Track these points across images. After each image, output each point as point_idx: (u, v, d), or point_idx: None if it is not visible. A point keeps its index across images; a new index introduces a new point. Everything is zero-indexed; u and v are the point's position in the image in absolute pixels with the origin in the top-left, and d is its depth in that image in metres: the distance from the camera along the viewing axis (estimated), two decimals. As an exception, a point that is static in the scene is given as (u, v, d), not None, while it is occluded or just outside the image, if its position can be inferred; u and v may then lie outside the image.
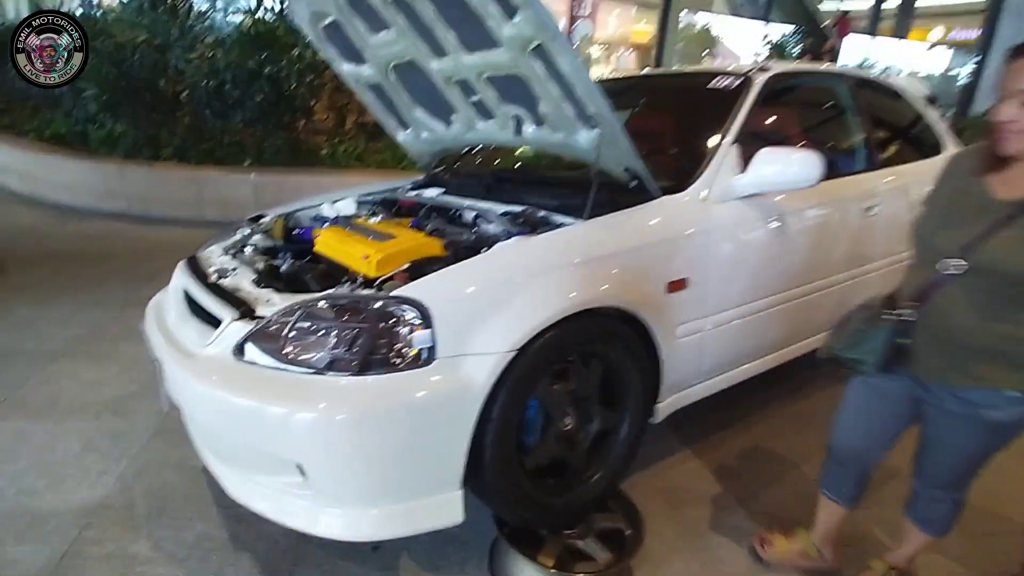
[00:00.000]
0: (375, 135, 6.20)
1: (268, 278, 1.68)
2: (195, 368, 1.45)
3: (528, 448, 1.57)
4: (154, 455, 2.09)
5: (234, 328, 1.46)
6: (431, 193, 2.54)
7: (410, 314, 1.35)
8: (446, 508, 1.38)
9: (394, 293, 1.38)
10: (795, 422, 2.50)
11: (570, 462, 1.68)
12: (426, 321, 1.34)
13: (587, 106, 1.69)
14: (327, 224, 2.13)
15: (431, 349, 1.33)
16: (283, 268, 1.79)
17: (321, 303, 1.42)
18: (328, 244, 1.87)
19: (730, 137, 2.00)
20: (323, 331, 1.38)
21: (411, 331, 1.34)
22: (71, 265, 4.12)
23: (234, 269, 1.78)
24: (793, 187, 1.86)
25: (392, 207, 2.50)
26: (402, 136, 2.72)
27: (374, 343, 1.33)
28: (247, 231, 2.19)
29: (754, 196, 1.95)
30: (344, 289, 1.47)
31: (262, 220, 2.34)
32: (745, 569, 1.71)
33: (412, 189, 2.66)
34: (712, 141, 2.02)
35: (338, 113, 6.40)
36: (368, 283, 1.62)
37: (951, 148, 3.11)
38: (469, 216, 2.19)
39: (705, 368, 2.00)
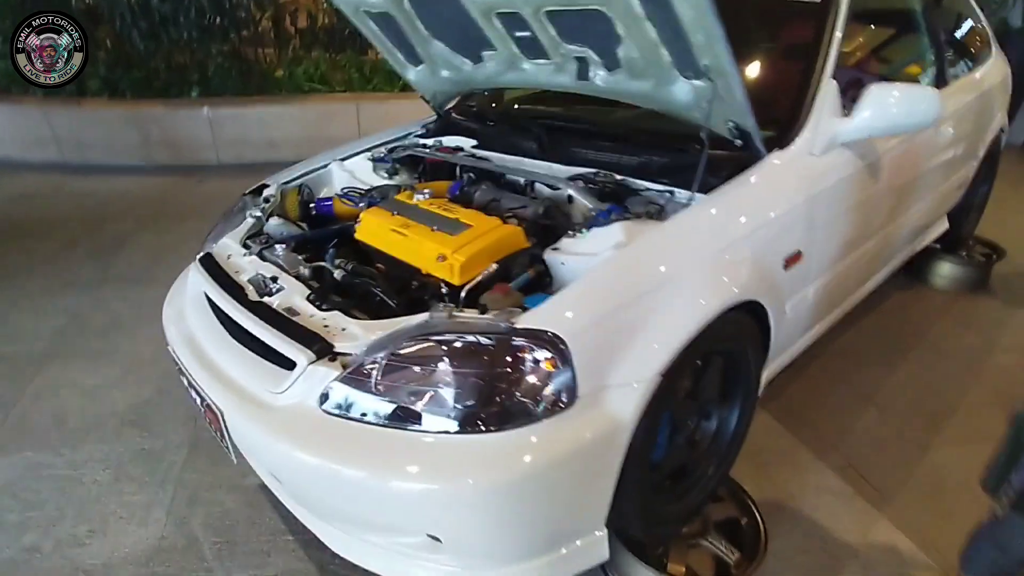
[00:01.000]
0: (331, 45, 5.47)
1: (327, 294, 1.40)
2: (276, 425, 1.21)
3: (656, 464, 1.43)
4: (199, 475, 1.88)
5: (314, 374, 1.21)
6: (453, 144, 2.19)
7: (545, 350, 1.12)
8: (593, 548, 1.25)
9: (523, 325, 1.14)
10: (846, 358, 2.45)
11: (690, 464, 1.57)
12: (564, 357, 1.12)
13: (700, 55, 1.38)
14: (362, 203, 1.80)
15: (572, 390, 1.13)
16: (336, 274, 1.49)
17: (429, 343, 1.17)
18: (376, 234, 1.57)
19: (829, 68, 1.72)
20: (437, 379, 1.14)
21: (548, 371, 1.12)
22: (17, 237, 3.58)
23: (274, 280, 1.48)
24: (910, 129, 1.64)
25: (417, 166, 2.16)
26: (413, 74, 2.31)
27: (504, 390, 1.11)
28: (256, 211, 1.84)
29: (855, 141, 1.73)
30: (441, 314, 1.21)
31: (265, 192, 1.98)
32: (857, 538, 1.69)
33: (425, 137, 2.30)
34: (806, 75, 1.73)
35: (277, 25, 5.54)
36: (452, 292, 1.37)
37: (996, 55, 2.90)
38: (522, 181, 1.89)
39: (799, 332, 1.87)
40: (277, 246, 1.62)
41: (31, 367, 2.39)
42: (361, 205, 1.78)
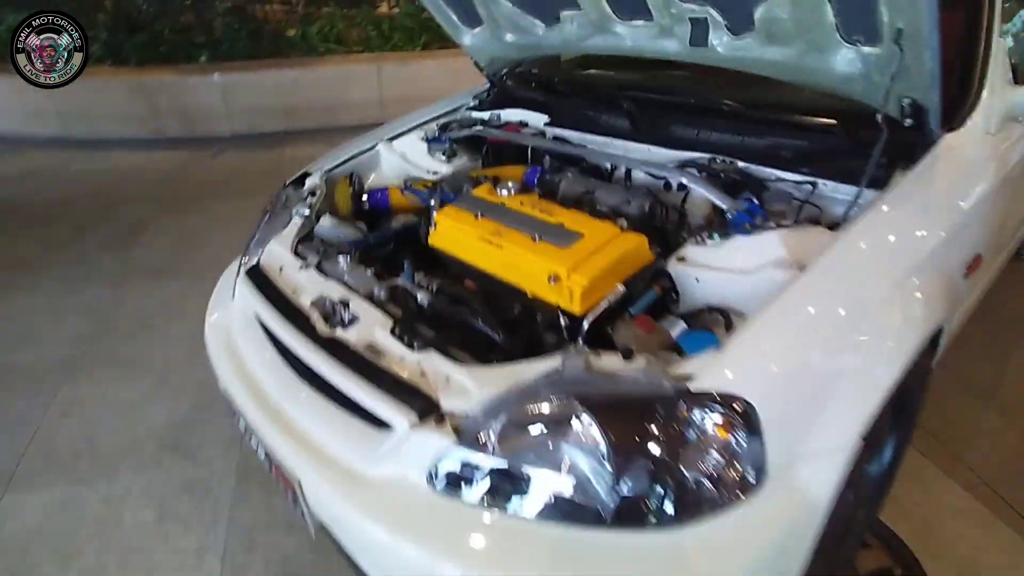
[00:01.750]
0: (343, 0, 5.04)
1: (414, 327, 1.13)
2: (372, 505, 0.96)
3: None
4: (253, 513, 1.65)
5: (418, 440, 0.95)
6: (516, 119, 1.88)
7: (727, 416, 0.86)
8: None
9: (699, 384, 0.87)
10: (954, 351, 2.17)
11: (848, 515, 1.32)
12: (753, 425, 0.86)
13: (894, 14, 1.06)
14: (434, 198, 1.51)
15: (760, 468, 0.87)
16: (420, 297, 1.22)
17: (569, 406, 0.90)
18: (459, 241, 1.29)
19: (997, 23, 1.39)
20: (581, 455, 0.88)
21: (733, 445, 0.86)
22: (25, 223, 3.32)
23: (345, 305, 1.21)
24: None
25: (480, 147, 1.85)
26: (468, 38, 1.97)
27: (676, 472, 0.86)
28: (303, 208, 1.56)
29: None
30: (575, 362, 0.94)
31: (308, 182, 1.69)
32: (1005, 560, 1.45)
33: (479, 110, 1.99)
34: (971, 30, 1.40)
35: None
36: (572, 324, 1.10)
37: None
38: (609, 167, 1.59)
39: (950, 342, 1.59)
40: (340, 257, 1.34)
41: (54, 378, 2.16)
42: (433, 202, 1.49)
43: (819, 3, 1.14)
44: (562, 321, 1.10)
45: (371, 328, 1.14)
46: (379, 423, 1.01)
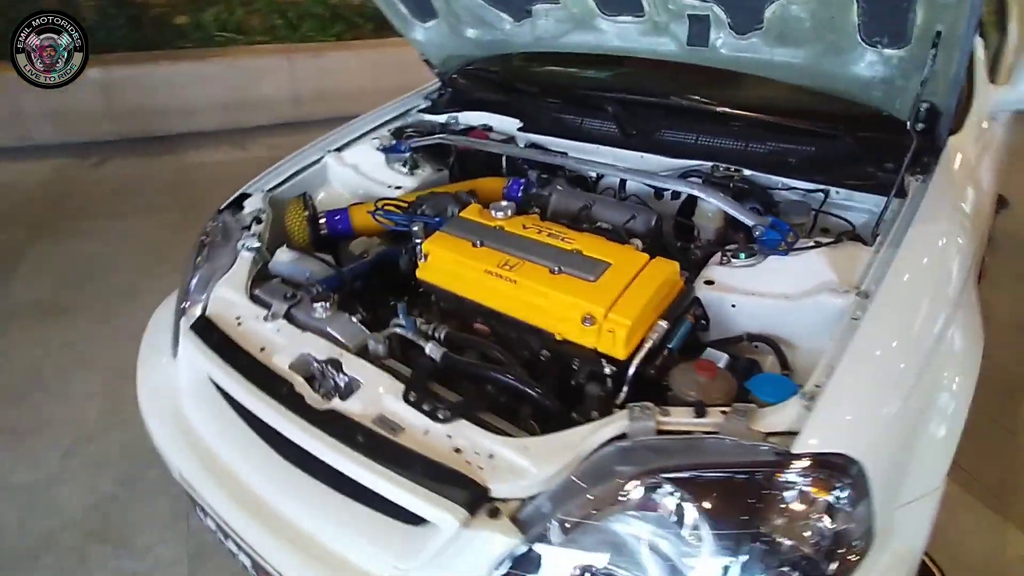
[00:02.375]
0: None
1: (429, 390, 0.94)
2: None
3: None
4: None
5: (470, 541, 0.78)
6: (478, 123, 1.70)
7: (833, 478, 0.76)
8: None
9: (804, 448, 0.76)
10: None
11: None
12: (861, 486, 0.76)
13: (934, 17, 1.00)
14: (415, 223, 1.30)
15: (868, 530, 0.78)
16: (430, 349, 1.02)
17: (654, 480, 0.76)
18: (459, 276, 1.11)
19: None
20: (676, 540, 0.75)
21: (842, 509, 0.76)
22: None
23: (336, 367, 0.99)
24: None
25: (445, 156, 1.66)
26: (421, 32, 1.75)
27: (788, 552, 0.74)
28: (251, 242, 1.30)
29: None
30: (644, 424, 0.80)
31: (248, 205, 1.43)
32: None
33: (432, 112, 1.79)
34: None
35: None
36: (618, 372, 0.95)
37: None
38: (608, 179, 1.46)
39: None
40: (315, 304, 1.11)
41: None
42: (415, 228, 1.29)
43: (847, 2, 1.06)
44: (606, 369, 0.96)
45: (378, 395, 0.94)
46: (411, 516, 0.82)
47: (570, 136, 1.55)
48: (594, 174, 1.48)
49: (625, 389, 0.93)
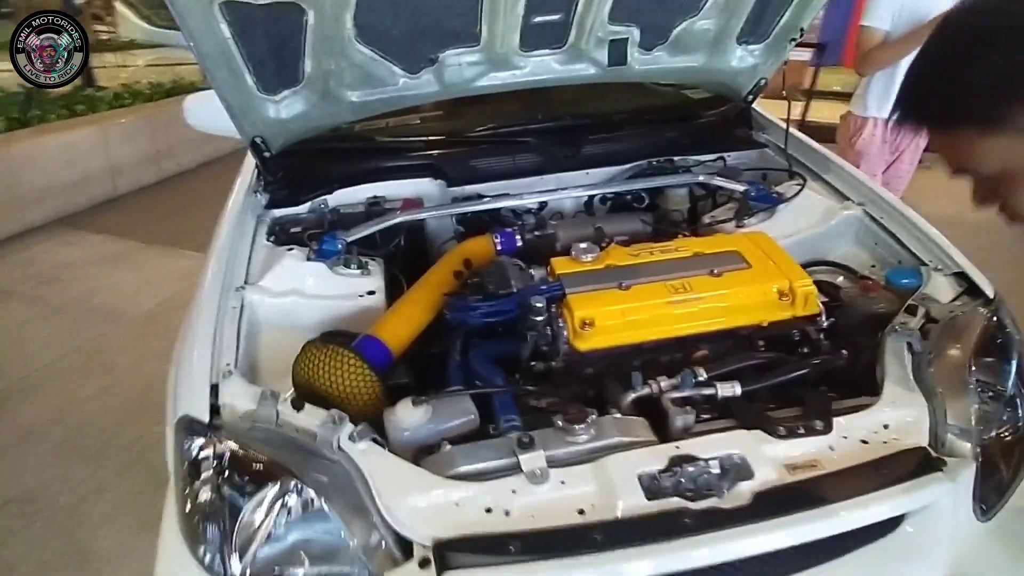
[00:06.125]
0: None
1: (784, 420, 0.94)
2: None
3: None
4: None
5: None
6: (372, 193, 1.53)
7: None
8: None
9: None
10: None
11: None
12: None
13: (800, 15, 1.49)
14: (525, 299, 1.11)
15: None
16: (723, 391, 0.99)
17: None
18: (631, 324, 1.06)
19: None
20: None
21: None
22: None
23: (680, 465, 0.86)
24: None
25: (391, 240, 1.47)
26: (271, 108, 1.38)
27: None
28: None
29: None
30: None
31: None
32: None
33: (282, 206, 1.50)
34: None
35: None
36: (817, 331, 1.12)
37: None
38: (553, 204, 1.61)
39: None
40: (576, 428, 0.91)
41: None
42: (536, 303, 1.10)
43: (741, 12, 1.45)
44: (824, 323, 1.11)
45: (759, 454, 0.87)
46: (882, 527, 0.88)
47: (505, 176, 1.62)
48: (535, 204, 1.58)
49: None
